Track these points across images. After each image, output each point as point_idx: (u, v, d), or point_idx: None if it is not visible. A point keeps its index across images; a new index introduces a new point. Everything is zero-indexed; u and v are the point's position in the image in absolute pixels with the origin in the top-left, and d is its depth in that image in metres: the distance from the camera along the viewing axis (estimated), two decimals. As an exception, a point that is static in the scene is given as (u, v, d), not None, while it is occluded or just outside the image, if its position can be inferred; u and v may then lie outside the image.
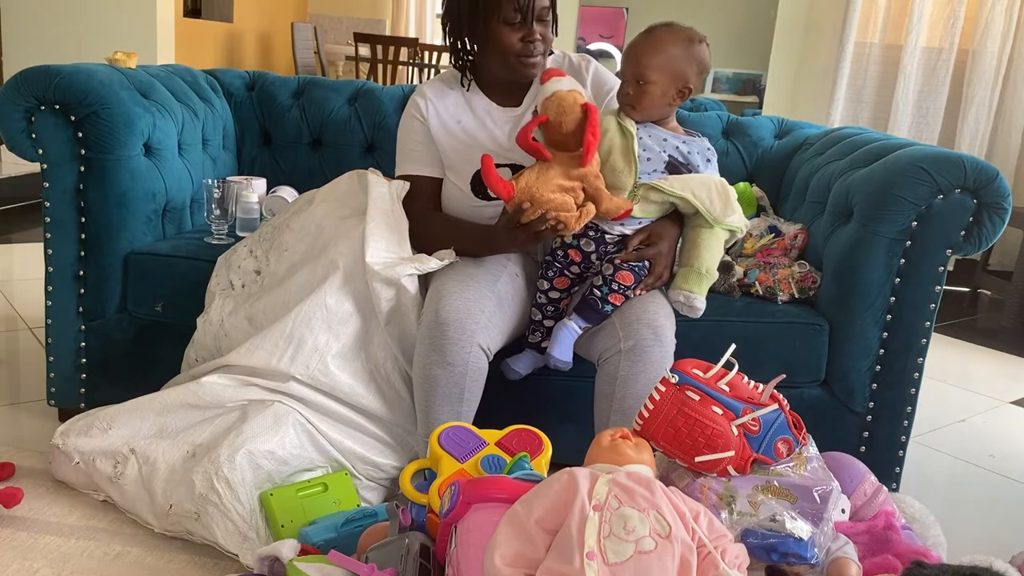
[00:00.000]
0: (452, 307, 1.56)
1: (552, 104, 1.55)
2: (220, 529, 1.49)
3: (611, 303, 1.61)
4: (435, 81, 1.85)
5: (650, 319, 1.59)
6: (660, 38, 1.61)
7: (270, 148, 2.43)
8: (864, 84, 4.38)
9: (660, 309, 1.62)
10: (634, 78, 1.61)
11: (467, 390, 1.58)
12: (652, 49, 1.60)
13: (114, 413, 1.66)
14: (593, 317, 1.62)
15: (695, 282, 1.61)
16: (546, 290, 1.70)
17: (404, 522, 1.30)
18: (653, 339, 1.56)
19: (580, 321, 1.62)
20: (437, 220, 1.80)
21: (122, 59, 2.10)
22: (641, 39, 1.63)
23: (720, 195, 1.61)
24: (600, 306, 1.61)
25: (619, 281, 1.61)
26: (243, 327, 1.74)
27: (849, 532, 1.41)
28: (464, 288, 1.60)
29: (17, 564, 1.45)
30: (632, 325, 1.58)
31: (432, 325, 1.57)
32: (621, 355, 1.57)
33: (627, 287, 1.61)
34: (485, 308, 1.60)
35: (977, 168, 1.74)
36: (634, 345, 1.56)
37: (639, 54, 1.61)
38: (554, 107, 1.55)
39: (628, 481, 1.14)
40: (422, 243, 1.76)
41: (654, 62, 1.59)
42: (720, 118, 2.41)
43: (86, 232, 1.88)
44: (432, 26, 8.11)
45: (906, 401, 1.86)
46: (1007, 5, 4.14)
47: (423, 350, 1.58)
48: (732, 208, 1.62)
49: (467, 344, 1.56)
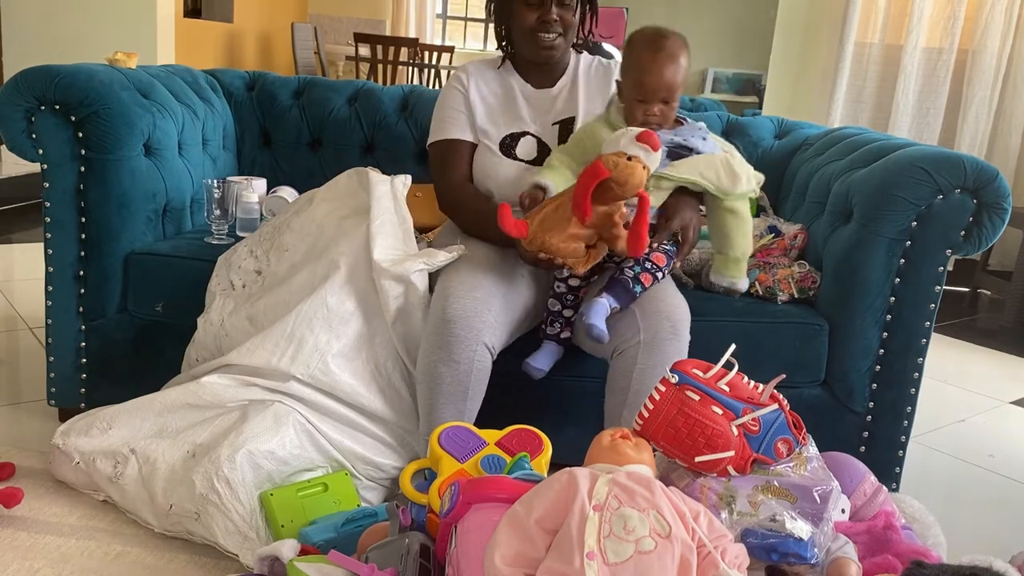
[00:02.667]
0: (459, 305, 1.57)
1: (621, 171, 1.49)
2: (220, 529, 1.49)
3: (642, 283, 1.61)
4: (478, 61, 1.95)
5: (670, 312, 1.60)
6: (675, 53, 1.64)
7: (270, 148, 2.43)
8: (864, 84, 4.37)
9: (680, 304, 1.64)
10: (662, 100, 1.64)
11: (471, 388, 1.58)
12: (674, 67, 1.63)
13: (114, 413, 1.66)
14: (623, 297, 1.61)
15: (734, 268, 1.75)
16: (565, 278, 1.70)
17: (404, 522, 1.30)
18: (671, 332, 1.58)
19: (612, 300, 1.60)
20: (470, 199, 1.83)
21: (122, 59, 2.10)
22: (657, 57, 1.63)
23: (727, 170, 1.65)
24: (631, 285, 1.61)
25: (653, 261, 1.63)
26: (244, 327, 1.74)
27: (849, 532, 1.41)
28: (472, 287, 1.60)
29: (17, 564, 1.45)
30: (652, 317, 1.59)
31: (439, 322, 1.57)
32: (640, 346, 1.57)
33: (659, 268, 1.63)
34: (492, 307, 1.60)
35: (977, 168, 1.74)
36: (653, 337, 1.57)
37: (670, 74, 1.62)
38: (621, 175, 1.49)
39: (628, 481, 1.14)
40: (452, 215, 1.88)
41: (679, 79, 1.64)
42: (720, 118, 2.41)
43: (86, 232, 1.88)
44: (432, 26, 8.11)
45: (906, 401, 1.86)
46: (1007, 5, 4.14)
47: (429, 347, 1.59)
48: (738, 177, 1.65)
49: (473, 342, 1.56)
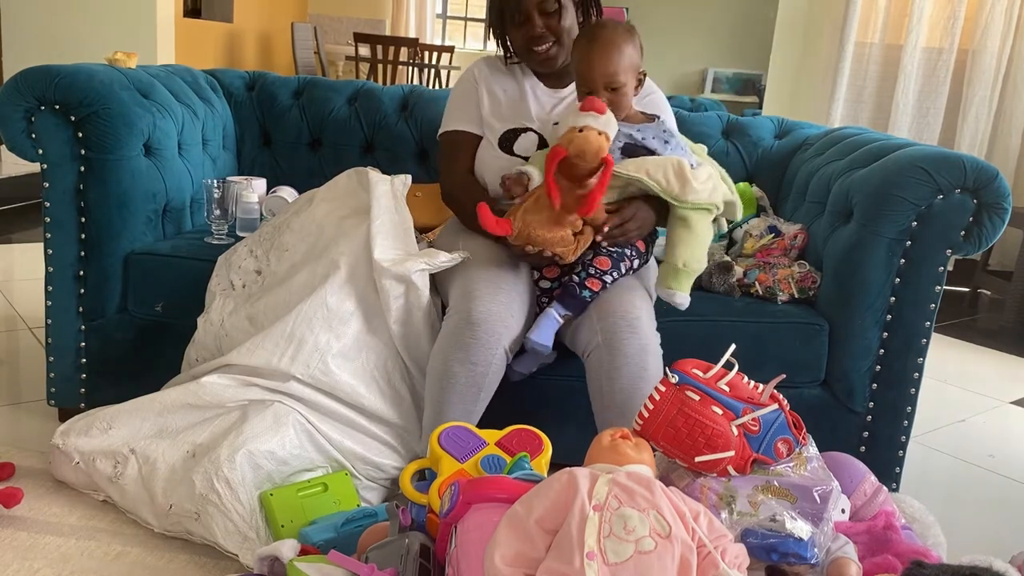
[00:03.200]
0: (485, 309, 1.57)
1: (576, 144, 1.53)
2: (220, 529, 1.49)
3: (588, 288, 1.62)
4: (495, 57, 1.95)
5: (625, 311, 1.59)
6: (611, 40, 1.64)
7: (270, 148, 2.43)
8: (864, 84, 4.37)
9: (636, 300, 1.63)
10: (605, 86, 1.64)
11: (484, 391, 1.59)
12: (612, 53, 1.64)
13: (114, 413, 1.66)
14: (572, 304, 1.62)
15: (673, 278, 1.64)
16: (537, 280, 1.71)
17: (404, 522, 1.30)
18: (628, 331, 1.57)
19: (560, 308, 1.62)
20: (470, 191, 1.82)
21: (122, 59, 2.09)
22: (592, 47, 1.64)
23: (677, 174, 1.62)
24: (578, 291, 1.62)
25: (596, 266, 1.63)
26: (244, 327, 1.74)
27: (849, 532, 1.41)
28: (496, 290, 1.60)
29: (17, 564, 1.45)
30: (607, 318, 1.59)
31: (462, 323, 1.57)
32: (601, 348, 1.58)
33: (604, 271, 1.63)
34: (514, 312, 1.60)
35: (977, 168, 1.74)
36: (611, 337, 1.57)
37: (601, 63, 1.63)
38: (576, 148, 1.53)
39: (628, 481, 1.14)
40: (451, 204, 1.89)
41: (621, 65, 1.64)
42: (720, 118, 2.41)
43: (86, 232, 1.88)
44: (432, 26, 8.11)
45: (906, 401, 1.86)
46: (1007, 5, 4.14)
47: (446, 346, 1.58)
48: (687, 184, 1.62)
49: (495, 347, 1.56)
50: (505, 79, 1.90)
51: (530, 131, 1.83)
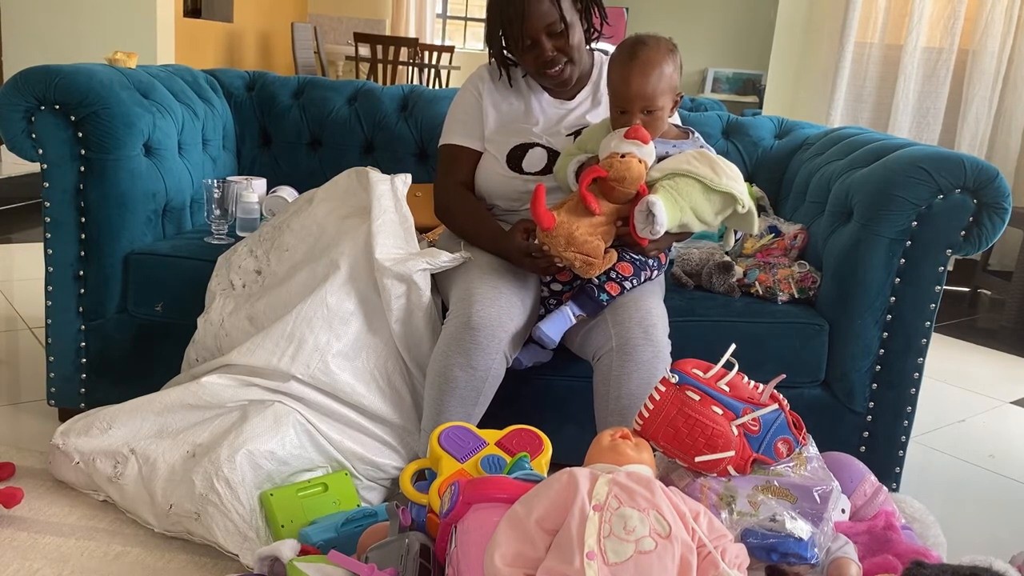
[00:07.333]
0: (485, 313, 1.56)
1: (616, 169, 1.53)
2: (220, 529, 1.49)
3: (607, 292, 1.61)
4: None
5: (641, 318, 1.59)
6: (651, 60, 1.58)
7: (270, 148, 2.43)
8: (864, 84, 4.38)
9: (653, 309, 1.63)
10: (642, 109, 1.59)
11: (483, 394, 1.59)
12: (651, 74, 1.58)
13: (114, 413, 1.66)
14: (589, 305, 1.62)
15: (663, 194, 1.55)
16: (548, 282, 1.70)
17: (404, 522, 1.30)
18: (643, 338, 1.56)
19: (575, 308, 1.62)
20: (464, 202, 1.82)
21: (122, 59, 2.09)
22: (631, 66, 1.58)
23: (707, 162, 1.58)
24: (596, 293, 1.61)
25: (618, 271, 1.62)
26: (244, 327, 1.74)
27: (849, 532, 1.41)
28: (497, 295, 1.60)
29: (17, 564, 1.45)
30: (623, 324, 1.59)
31: (462, 327, 1.56)
32: (613, 353, 1.57)
33: (625, 277, 1.62)
34: (514, 316, 1.60)
35: (977, 168, 1.74)
36: (624, 344, 1.56)
37: (639, 84, 1.58)
38: (617, 173, 1.53)
39: (628, 481, 1.14)
40: (445, 216, 1.85)
41: (658, 88, 1.59)
42: (720, 118, 2.41)
43: (86, 232, 1.88)
44: (432, 26, 8.11)
45: (906, 401, 1.86)
46: (1007, 5, 4.14)
47: (446, 349, 1.58)
48: (718, 166, 1.58)
49: (495, 351, 1.56)
50: (509, 91, 1.87)
51: (538, 146, 1.79)
